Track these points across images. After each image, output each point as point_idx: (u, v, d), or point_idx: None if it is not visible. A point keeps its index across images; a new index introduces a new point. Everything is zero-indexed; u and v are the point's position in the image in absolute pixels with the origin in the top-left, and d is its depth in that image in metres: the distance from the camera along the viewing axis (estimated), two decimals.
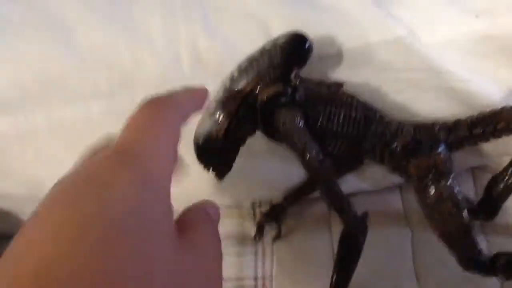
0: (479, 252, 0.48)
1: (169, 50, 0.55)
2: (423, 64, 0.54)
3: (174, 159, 0.31)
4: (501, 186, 0.56)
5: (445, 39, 0.54)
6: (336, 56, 0.54)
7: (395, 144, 0.49)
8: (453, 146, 0.50)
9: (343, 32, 0.54)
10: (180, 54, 0.54)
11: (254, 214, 0.64)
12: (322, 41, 0.54)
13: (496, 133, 0.49)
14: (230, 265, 0.59)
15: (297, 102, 0.48)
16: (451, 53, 0.55)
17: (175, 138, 0.30)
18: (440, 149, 0.49)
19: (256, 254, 0.60)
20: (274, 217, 0.62)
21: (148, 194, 0.25)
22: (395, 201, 0.62)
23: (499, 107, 0.50)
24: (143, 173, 0.26)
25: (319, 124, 0.49)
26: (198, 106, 0.35)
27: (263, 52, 0.48)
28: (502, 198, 0.57)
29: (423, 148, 0.49)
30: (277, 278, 0.58)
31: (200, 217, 0.32)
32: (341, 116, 0.49)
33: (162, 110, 0.30)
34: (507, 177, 0.56)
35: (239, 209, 0.65)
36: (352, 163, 0.58)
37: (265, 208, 0.63)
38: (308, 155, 0.47)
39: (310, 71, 0.52)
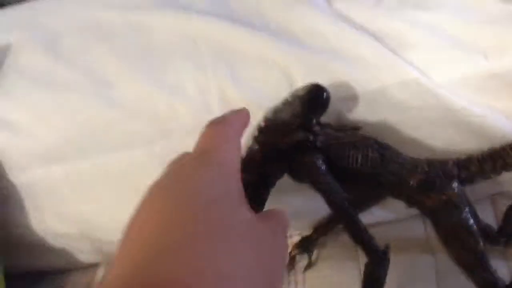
0: (496, 280, 0.51)
1: (200, 100, 0.60)
2: (438, 102, 0.58)
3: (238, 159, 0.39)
4: None
5: (457, 78, 0.58)
6: (355, 98, 0.59)
7: (411, 181, 0.53)
8: (466, 181, 0.53)
9: (360, 75, 0.59)
10: (210, 104, 0.60)
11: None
12: (341, 84, 0.58)
13: (507, 167, 0.52)
14: None
15: (318, 148, 0.53)
16: (463, 91, 0.58)
17: (236, 144, 0.39)
18: (453, 185, 0.52)
19: (288, 284, 0.64)
20: (305, 248, 0.66)
21: (223, 182, 0.34)
22: (418, 229, 0.65)
23: (508, 143, 0.53)
24: (218, 168, 0.34)
25: (339, 166, 0.53)
26: (244, 123, 0.42)
27: (285, 103, 0.53)
28: None
29: (437, 184, 0.52)
30: None
31: (276, 215, 0.39)
32: (359, 157, 0.53)
33: (221, 126, 0.39)
34: None
35: None
36: (373, 198, 0.62)
37: (296, 240, 0.67)
38: (331, 196, 0.51)
39: (331, 112, 0.56)
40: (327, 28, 0.61)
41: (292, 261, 0.66)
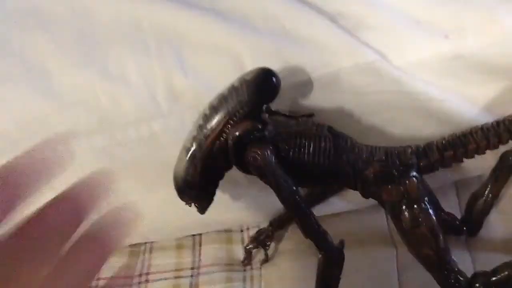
0: (458, 273, 0.48)
1: (145, 89, 0.56)
2: (396, 86, 0.55)
3: None
4: (481, 202, 0.57)
5: (416, 60, 0.55)
6: (308, 83, 0.55)
7: (367, 172, 0.50)
8: (425, 170, 0.50)
9: (314, 59, 0.55)
10: (156, 93, 0.55)
11: (242, 239, 0.65)
12: (294, 69, 0.55)
13: (468, 155, 0.49)
14: None
15: (267, 137, 0.49)
16: (423, 74, 0.55)
17: None
18: (411, 174, 0.49)
19: (244, 280, 0.61)
20: (261, 242, 0.63)
21: None
22: (380, 219, 0.62)
23: (469, 129, 0.50)
24: None
25: (290, 157, 0.50)
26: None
27: (232, 90, 0.49)
28: (483, 213, 0.58)
29: (395, 176, 0.49)
30: None
31: None
32: (311, 148, 0.50)
33: None
34: (486, 193, 0.57)
35: (228, 234, 0.66)
36: (329, 189, 0.59)
37: (253, 233, 0.64)
38: (281, 190, 0.48)
39: (282, 98, 0.52)
40: (279, 9, 0.57)
41: (248, 255, 0.63)
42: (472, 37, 0.54)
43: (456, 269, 0.48)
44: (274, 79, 0.49)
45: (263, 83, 0.49)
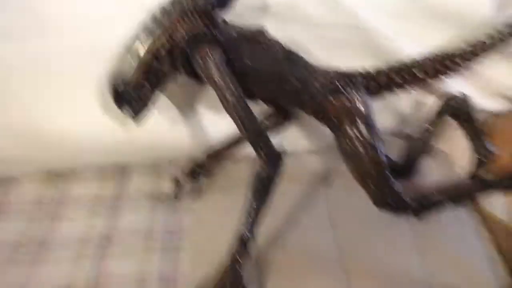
0: (393, 189, 0.49)
1: None
2: (351, 22, 0.56)
3: None
4: (415, 148, 0.58)
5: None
6: (264, 9, 0.54)
7: (315, 83, 0.49)
8: (373, 92, 0.51)
9: None
10: None
11: (171, 174, 0.62)
12: None
13: (415, 82, 0.51)
14: (142, 219, 0.57)
15: (219, 42, 0.48)
16: (377, 14, 0.56)
17: None
18: (358, 93, 0.50)
19: (174, 211, 0.58)
20: (194, 175, 0.61)
21: None
22: (316, 163, 0.63)
23: (419, 58, 0.52)
24: None
25: (242, 64, 0.49)
26: None
27: None
28: (416, 158, 0.58)
29: (342, 89, 0.49)
30: (190, 231, 0.56)
31: None
32: (265, 56, 0.49)
33: None
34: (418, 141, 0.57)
35: (157, 168, 0.63)
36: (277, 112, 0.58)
37: (184, 168, 0.61)
38: (226, 92, 0.47)
39: (235, 23, 0.51)
40: None
41: (179, 188, 0.60)
42: None
43: (393, 185, 0.48)
44: None
45: None
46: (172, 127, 0.60)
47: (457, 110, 0.53)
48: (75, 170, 0.63)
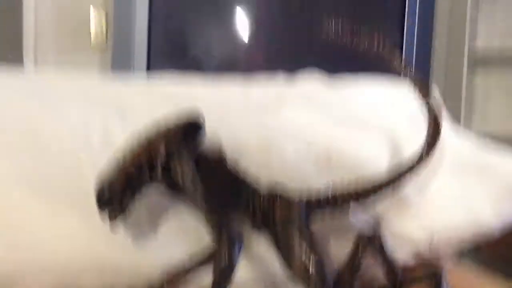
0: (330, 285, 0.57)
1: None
2: (285, 168, 0.68)
3: None
4: None
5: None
6: None
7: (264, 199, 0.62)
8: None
9: None
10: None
11: None
12: None
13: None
14: None
15: (193, 157, 0.61)
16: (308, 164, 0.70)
17: None
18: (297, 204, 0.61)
19: None
20: None
21: None
22: None
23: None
24: None
25: (206, 171, 0.61)
26: None
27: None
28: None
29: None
30: None
31: None
32: (223, 170, 0.63)
33: None
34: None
35: None
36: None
37: None
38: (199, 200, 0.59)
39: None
40: None
41: None
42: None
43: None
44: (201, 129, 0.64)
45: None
46: (131, 247, 0.66)
47: (370, 242, 0.62)
48: None
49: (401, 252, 0.69)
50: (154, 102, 0.72)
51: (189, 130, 0.63)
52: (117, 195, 0.59)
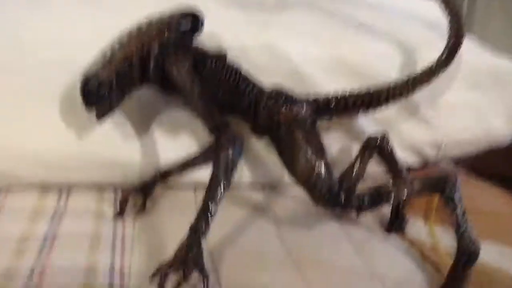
0: (335, 188, 0.54)
1: None
2: (291, 72, 0.66)
3: None
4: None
5: (310, 58, 0.67)
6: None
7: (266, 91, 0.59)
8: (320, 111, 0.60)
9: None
10: None
11: (115, 199, 0.63)
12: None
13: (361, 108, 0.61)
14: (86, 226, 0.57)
15: (189, 54, 0.57)
16: (316, 70, 0.67)
17: None
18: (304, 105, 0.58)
19: (115, 227, 0.57)
20: (139, 196, 0.61)
21: None
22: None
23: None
24: None
25: (204, 77, 0.57)
26: None
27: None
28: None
29: (291, 98, 0.58)
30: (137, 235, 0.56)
31: None
32: (224, 69, 0.58)
33: None
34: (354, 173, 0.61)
35: (101, 187, 0.64)
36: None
37: (129, 188, 0.62)
38: (196, 97, 0.56)
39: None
40: None
41: (124, 204, 0.60)
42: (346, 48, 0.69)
43: (334, 184, 0.54)
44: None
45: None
46: (123, 144, 0.63)
47: (379, 147, 0.60)
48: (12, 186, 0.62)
49: (410, 159, 0.70)
50: None
51: (185, 22, 0.59)
52: (106, 90, 0.55)
